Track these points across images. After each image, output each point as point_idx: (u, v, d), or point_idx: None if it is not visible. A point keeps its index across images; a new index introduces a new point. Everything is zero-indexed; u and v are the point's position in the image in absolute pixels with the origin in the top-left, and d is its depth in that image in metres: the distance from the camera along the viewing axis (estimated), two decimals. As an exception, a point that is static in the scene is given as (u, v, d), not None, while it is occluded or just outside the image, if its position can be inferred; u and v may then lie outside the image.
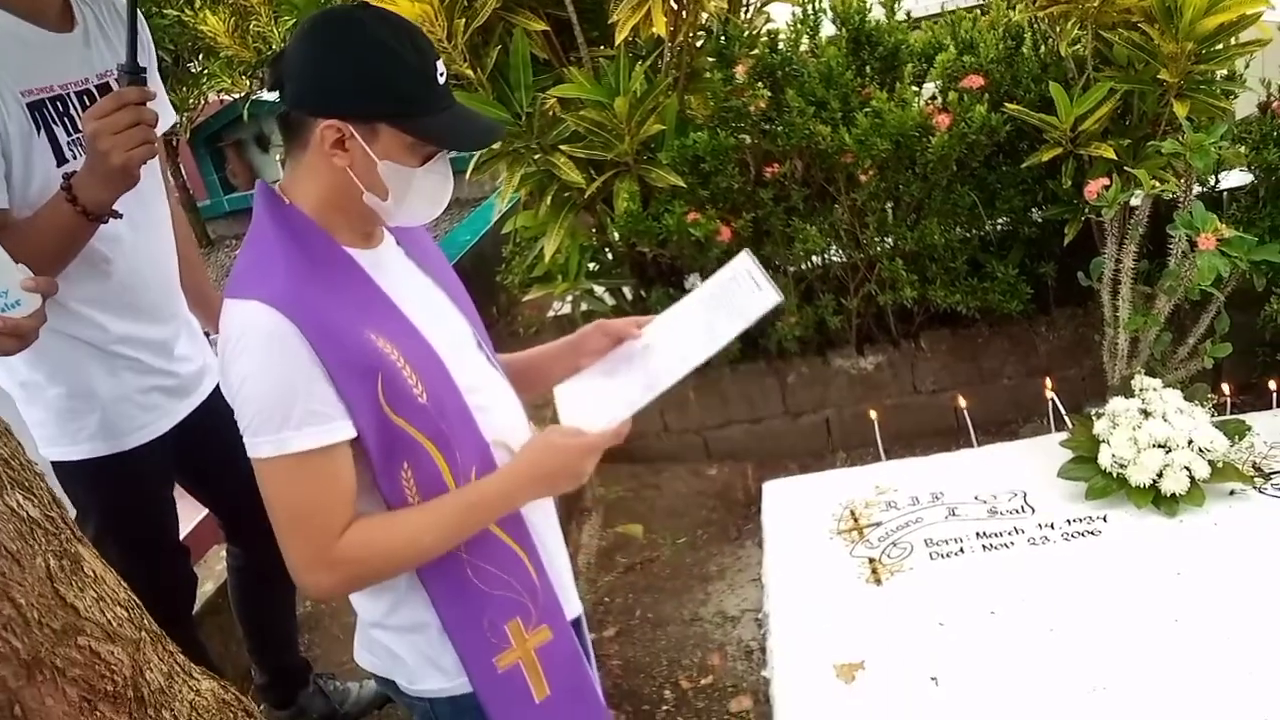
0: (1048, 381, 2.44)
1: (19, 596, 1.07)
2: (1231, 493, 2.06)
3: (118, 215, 1.61)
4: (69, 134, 1.67)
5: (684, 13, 2.82)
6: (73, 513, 1.65)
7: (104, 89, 1.74)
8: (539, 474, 1.29)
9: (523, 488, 1.29)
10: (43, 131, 1.64)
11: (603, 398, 1.42)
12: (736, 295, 1.38)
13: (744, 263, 1.38)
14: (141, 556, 1.94)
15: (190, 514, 2.60)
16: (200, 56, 5.44)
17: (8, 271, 1.32)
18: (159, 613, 2.05)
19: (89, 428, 1.82)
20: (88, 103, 1.69)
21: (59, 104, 1.67)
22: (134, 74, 1.54)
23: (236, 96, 5.80)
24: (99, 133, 1.49)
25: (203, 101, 6.07)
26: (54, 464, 1.86)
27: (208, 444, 1.89)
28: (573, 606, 1.46)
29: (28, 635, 1.07)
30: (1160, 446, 2.07)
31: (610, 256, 3.36)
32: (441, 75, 1.22)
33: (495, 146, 2.93)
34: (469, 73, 2.78)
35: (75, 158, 1.66)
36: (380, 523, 1.22)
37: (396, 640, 1.34)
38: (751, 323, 1.37)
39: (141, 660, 1.23)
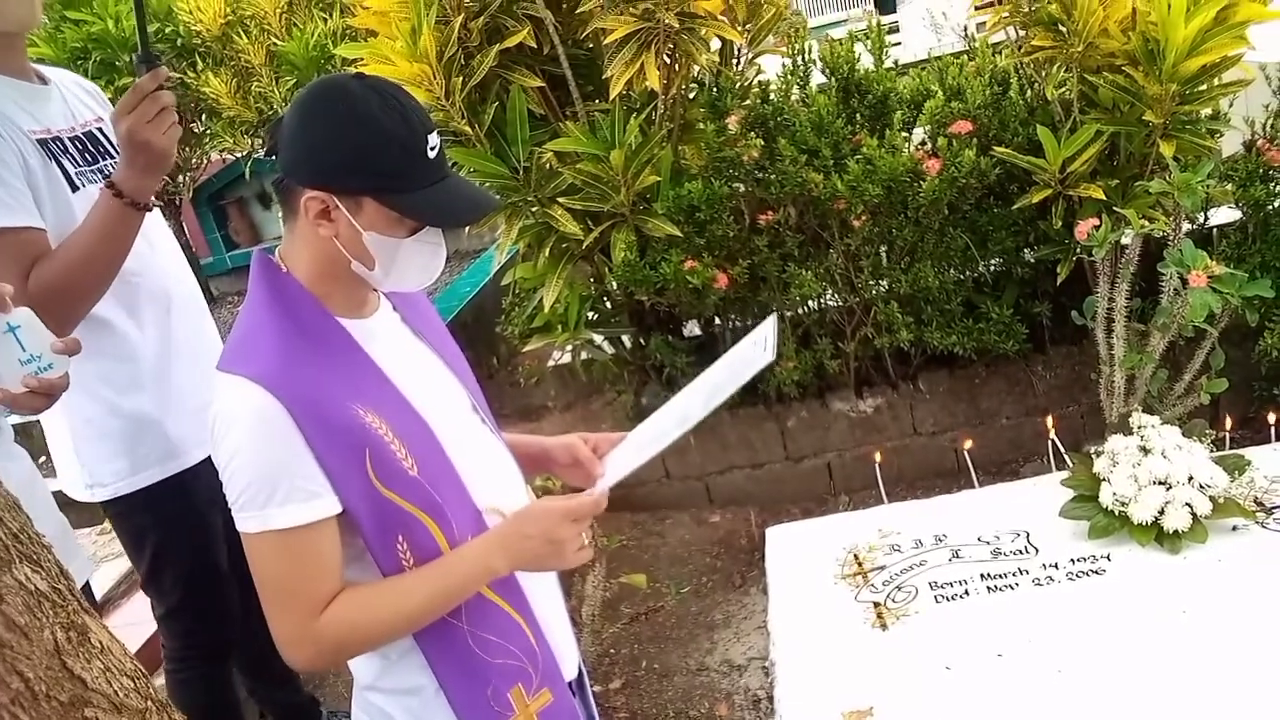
0: (1049, 421, 2.45)
1: (27, 670, 1.06)
2: (1234, 528, 2.06)
3: (160, 205, 1.75)
4: (76, 166, 1.82)
5: (676, 66, 2.87)
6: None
7: (89, 135, 1.88)
8: (514, 540, 1.26)
9: (498, 554, 1.26)
10: (53, 163, 1.78)
11: (611, 465, 1.42)
12: (746, 356, 1.37)
13: (768, 326, 1.36)
14: (198, 584, 2.05)
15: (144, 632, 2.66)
16: (203, 116, 5.53)
17: (42, 336, 1.36)
18: (213, 642, 2.12)
19: (156, 452, 1.92)
20: (79, 147, 1.85)
21: (58, 144, 1.81)
22: (148, 62, 1.65)
23: (239, 155, 5.88)
24: (134, 128, 1.62)
25: (205, 160, 6.15)
26: (114, 500, 1.93)
27: None
28: (570, 666, 1.45)
29: (35, 709, 1.07)
30: (1161, 483, 2.08)
31: (609, 305, 3.39)
32: (433, 149, 1.21)
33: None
34: (467, 129, 2.83)
35: (85, 185, 1.81)
36: (362, 595, 1.22)
37: (390, 703, 1.33)
38: (746, 381, 1.35)
39: None
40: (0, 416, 1.58)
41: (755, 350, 1.33)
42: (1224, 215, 2.97)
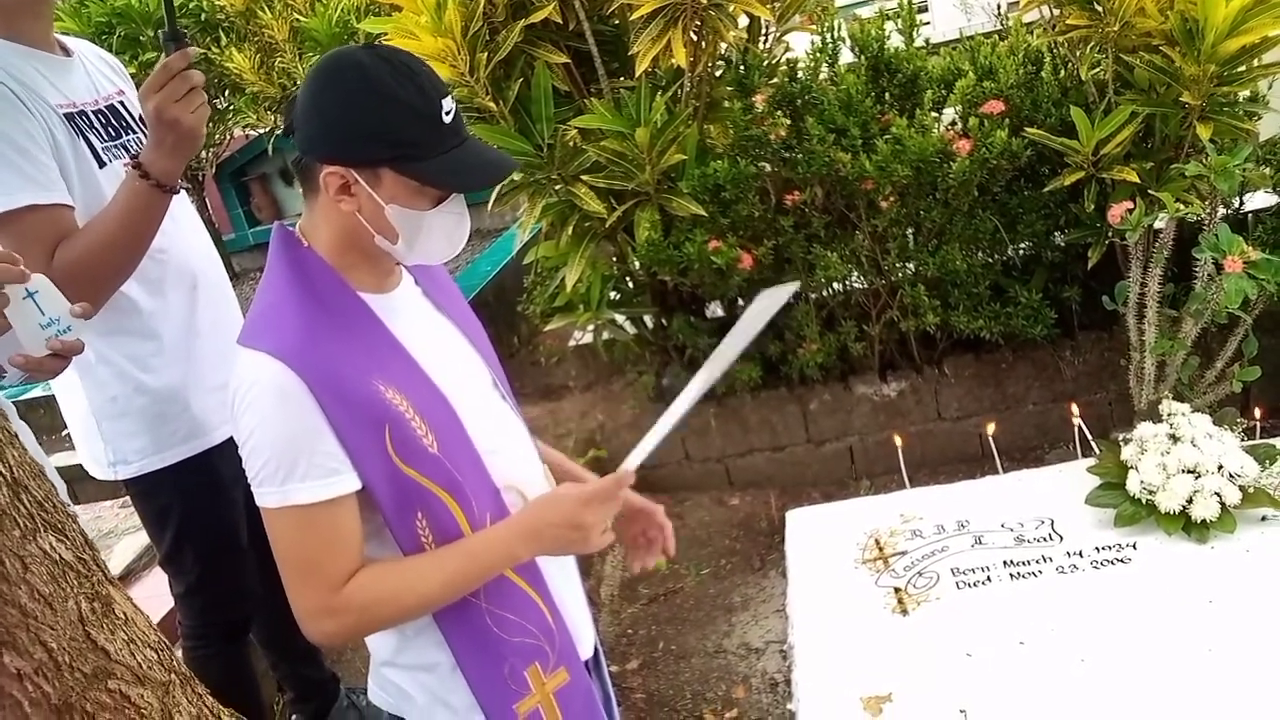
0: (1074, 407, 2.42)
1: (50, 640, 1.06)
2: (1263, 518, 2.03)
3: (187, 186, 1.73)
4: (102, 141, 1.79)
5: (703, 43, 2.84)
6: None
7: (111, 109, 1.86)
8: (537, 526, 1.26)
9: (522, 539, 1.26)
10: (80, 139, 1.75)
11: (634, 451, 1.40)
12: (763, 308, 1.35)
13: (787, 290, 1.35)
14: (218, 562, 2.05)
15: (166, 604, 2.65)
16: (226, 93, 5.53)
17: (58, 301, 1.38)
18: (231, 618, 2.14)
19: (181, 430, 1.91)
20: (103, 120, 1.82)
21: (83, 118, 1.79)
22: (176, 40, 1.62)
23: (262, 131, 5.88)
24: (162, 105, 1.59)
25: (228, 137, 6.17)
26: (138, 478, 1.93)
27: None
28: (587, 645, 1.45)
29: (59, 680, 1.07)
30: (1190, 472, 2.05)
31: (631, 285, 3.37)
32: (449, 114, 1.20)
33: (516, 177, 2.95)
34: (491, 106, 2.81)
35: (111, 160, 1.78)
36: (384, 571, 1.22)
37: (407, 678, 1.33)
38: (749, 340, 1.34)
39: (171, 704, 1.23)
40: (2, 394, 1.58)
41: (770, 303, 1.31)
42: (1260, 200, 2.92)
